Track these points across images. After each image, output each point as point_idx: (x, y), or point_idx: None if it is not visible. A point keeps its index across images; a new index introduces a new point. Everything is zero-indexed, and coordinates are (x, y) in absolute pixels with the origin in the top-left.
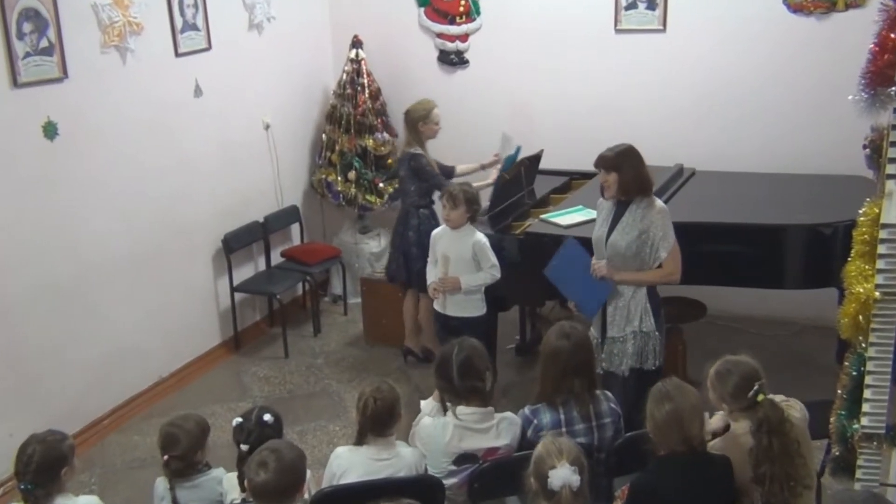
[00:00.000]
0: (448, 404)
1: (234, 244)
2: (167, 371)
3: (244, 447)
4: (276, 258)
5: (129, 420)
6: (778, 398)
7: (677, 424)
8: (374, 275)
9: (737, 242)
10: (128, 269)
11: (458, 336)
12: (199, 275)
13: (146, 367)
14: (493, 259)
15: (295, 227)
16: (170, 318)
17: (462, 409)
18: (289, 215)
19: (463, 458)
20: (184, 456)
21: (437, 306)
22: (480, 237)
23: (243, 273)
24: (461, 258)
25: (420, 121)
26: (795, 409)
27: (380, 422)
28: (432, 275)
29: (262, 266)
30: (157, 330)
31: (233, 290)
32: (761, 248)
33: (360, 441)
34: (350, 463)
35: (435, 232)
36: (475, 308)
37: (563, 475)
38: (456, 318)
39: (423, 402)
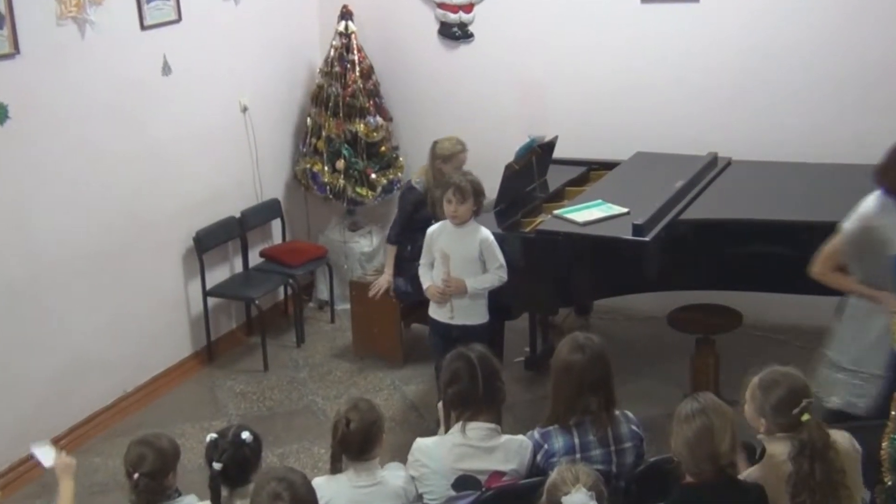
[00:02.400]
0: (459, 422)
1: (208, 242)
2: (132, 385)
3: (217, 465)
4: (255, 258)
5: (88, 440)
6: None
7: (708, 441)
8: (364, 277)
9: (777, 242)
10: (87, 269)
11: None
12: (167, 277)
13: (108, 381)
14: (502, 259)
15: (276, 224)
16: (135, 326)
17: (472, 425)
18: (269, 210)
19: (464, 482)
20: (155, 475)
21: (437, 315)
22: (487, 234)
23: (217, 275)
24: (465, 258)
25: (440, 159)
26: (842, 436)
27: (355, 446)
28: (427, 277)
29: (238, 267)
30: (121, 339)
31: (205, 294)
32: (806, 248)
33: (333, 468)
34: (332, 493)
35: (431, 229)
36: (479, 315)
37: (578, 501)
38: (458, 328)
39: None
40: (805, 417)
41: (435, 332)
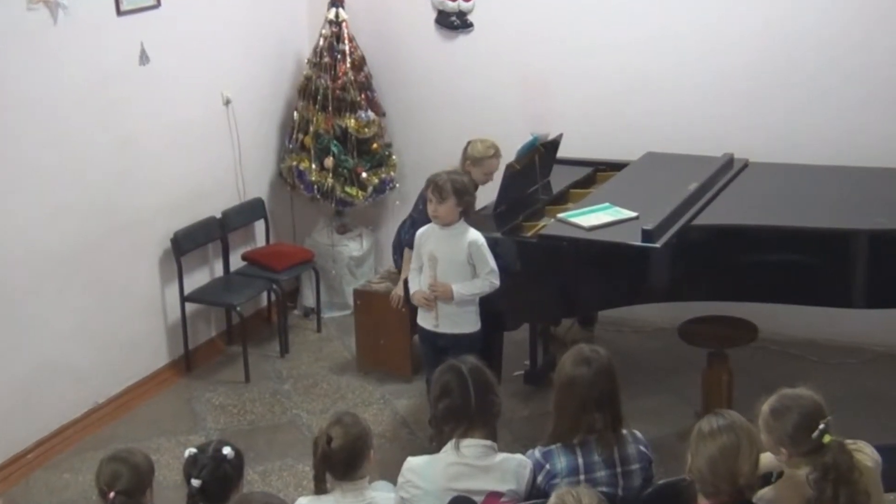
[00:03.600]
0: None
1: (186, 244)
2: (103, 396)
3: (195, 482)
4: (237, 262)
5: (57, 454)
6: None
7: (732, 459)
8: (370, 286)
9: (796, 251)
10: (57, 270)
11: (448, 357)
12: (143, 280)
13: (78, 391)
14: (493, 263)
15: (259, 225)
16: (107, 333)
17: (466, 442)
18: (252, 210)
19: None
20: (131, 493)
21: (424, 322)
22: (477, 237)
23: (196, 279)
24: (452, 261)
25: (469, 161)
26: (865, 454)
27: (339, 464)
28: (416, 282)
29: (218, 271)
30: (92, 346)
31: (183, 299)
32: (826, 257)
33: (318, 488)
34: None
35: (420, 231)
36: (468, 323)
37: None
38: (446, 337)
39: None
40: (826, 439)
41: (423, 341)
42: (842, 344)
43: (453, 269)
